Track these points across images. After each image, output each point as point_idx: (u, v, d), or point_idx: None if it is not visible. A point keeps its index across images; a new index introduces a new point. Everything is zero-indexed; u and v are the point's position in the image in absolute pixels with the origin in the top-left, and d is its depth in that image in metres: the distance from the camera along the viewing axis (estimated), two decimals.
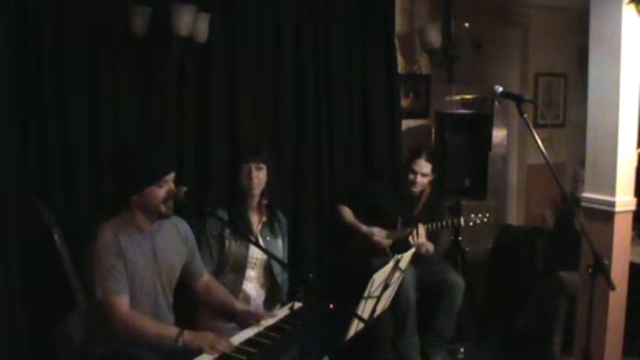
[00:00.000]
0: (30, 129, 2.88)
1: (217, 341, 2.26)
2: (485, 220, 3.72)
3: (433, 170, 3.74)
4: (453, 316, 3.68)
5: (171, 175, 2.46)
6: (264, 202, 3.08)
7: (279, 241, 3.13)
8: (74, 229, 2.86)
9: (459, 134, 4.18)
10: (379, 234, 3.70)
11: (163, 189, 2.42)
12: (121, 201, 2.46)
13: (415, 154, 3.71)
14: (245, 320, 2.56)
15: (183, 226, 2.70)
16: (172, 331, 2.33)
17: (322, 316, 2.46)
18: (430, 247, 3.68)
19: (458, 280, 3.70)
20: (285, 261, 3.16)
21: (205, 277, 2.77)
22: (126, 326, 2.32)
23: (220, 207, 2.92)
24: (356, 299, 2.39)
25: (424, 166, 3.69)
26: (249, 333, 2.43)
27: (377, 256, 3.60)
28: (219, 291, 2.76)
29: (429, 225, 3.63)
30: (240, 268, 2.98)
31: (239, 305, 2.69)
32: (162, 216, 2.47)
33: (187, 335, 2.30)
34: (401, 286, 3.05)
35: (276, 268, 3.04)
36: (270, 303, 3.02)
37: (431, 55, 4.35)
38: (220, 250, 2.96)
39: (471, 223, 3.73)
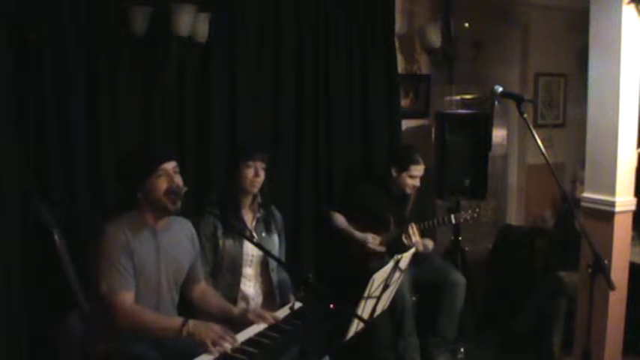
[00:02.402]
0: (30, 129, 2.88)
1: (221, 335, 2.24)
2: (475, 215, 3.74)
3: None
4: (456, 315, 3.68)
5: (170, 165, 2.45)
6: (258, 200, 3.06)
7: (275, 238, 3.12)
8: (74, 229, 2.86)
9: (459, 134, 4.18)
10: (373, 241, 3.68)
11: (163, 179, 2.41)
12: (127, 200, 2.45)
13: (410, 161, 3.67)
14: (245, 319, 2.54)
15: (190, 228, 2.71)
16: (177, 321, 2.32)
17: (322, 316, 2.46)
18: (429, 243, 3.70)
19: (459, 278, 3.69)
20: (283, 258, 3.15)
21: (202, 284, 2.77)
22: (129, 321, 2.32)
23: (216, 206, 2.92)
24: (356, 299, 2.39)
25: (421, 170, 3.71)
26: (249, 333, 2.43)
27: (373, 258, 3.59)
28: (215, 297, 2.76)
29: (422, 223, 3.64)
30: (236, 267, 2.96)
31: (235, 309, 2.68)
32: (169, 211, 2.45)
33: (192, 324, 2.28)
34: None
35: (271, 263, 3.03)
36: (268, 302, 3.01)
37: (431, 55, 4.36)
38: (214, 251, 2.94)
39: (462, 220, 3.74)
